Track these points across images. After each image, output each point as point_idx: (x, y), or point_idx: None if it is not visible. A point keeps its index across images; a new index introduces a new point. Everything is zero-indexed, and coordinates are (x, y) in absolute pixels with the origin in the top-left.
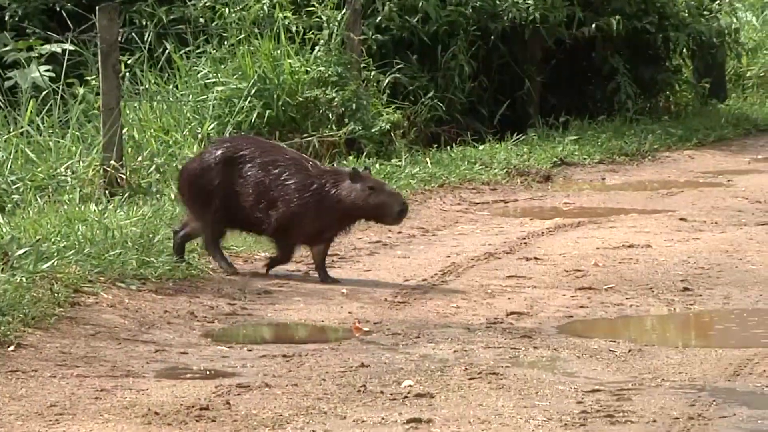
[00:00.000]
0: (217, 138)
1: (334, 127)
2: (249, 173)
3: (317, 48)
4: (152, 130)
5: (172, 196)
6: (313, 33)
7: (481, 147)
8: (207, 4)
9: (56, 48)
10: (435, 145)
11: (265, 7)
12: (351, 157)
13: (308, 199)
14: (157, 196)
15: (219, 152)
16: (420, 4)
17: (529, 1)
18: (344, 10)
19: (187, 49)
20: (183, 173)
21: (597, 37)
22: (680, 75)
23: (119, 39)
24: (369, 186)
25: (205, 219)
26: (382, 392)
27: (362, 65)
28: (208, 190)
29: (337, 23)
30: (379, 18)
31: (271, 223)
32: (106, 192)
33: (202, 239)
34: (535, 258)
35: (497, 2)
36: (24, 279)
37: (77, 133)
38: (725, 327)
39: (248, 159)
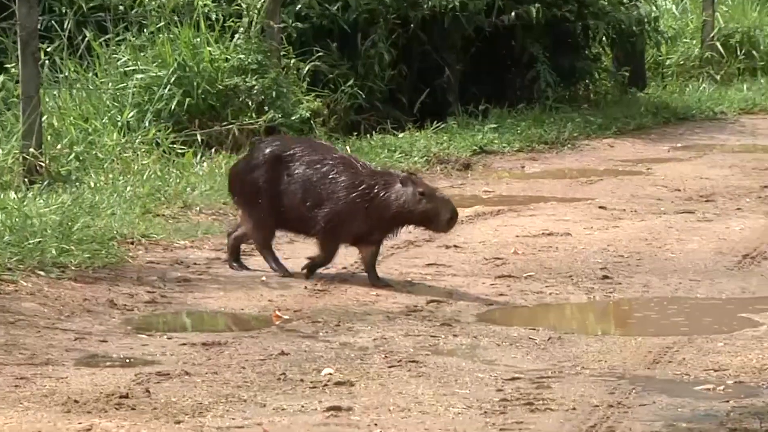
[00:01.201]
0: (266, 138)
1: (253, 115)
2: (296, 172)
3: (237, 36)
4: (72, 118)
5: (92, 184)
6: (232, 21)
7: (400, 135)
8: None
9: None
10: (355, 133)
11: None
12: None
13: (356, 199)
14: (77, 184)
15: (267, 150)
16: None
17: None
18: None
19: (107, 36)
20: (232, 172)
21: (517, 25)
22: (600, 63)
23: (39, 27)
24: (420, 191)
25: (255, 219)
26: (302, 380)
27: (282, 53)
28: (256, 189)
29: (256, 11)
30: (299, 6)
31: (317, 222)
32: (26, 180)
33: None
34: (455, 246)
35: None
36: None
37: None
38: (645, 315)
39: (296, 158)
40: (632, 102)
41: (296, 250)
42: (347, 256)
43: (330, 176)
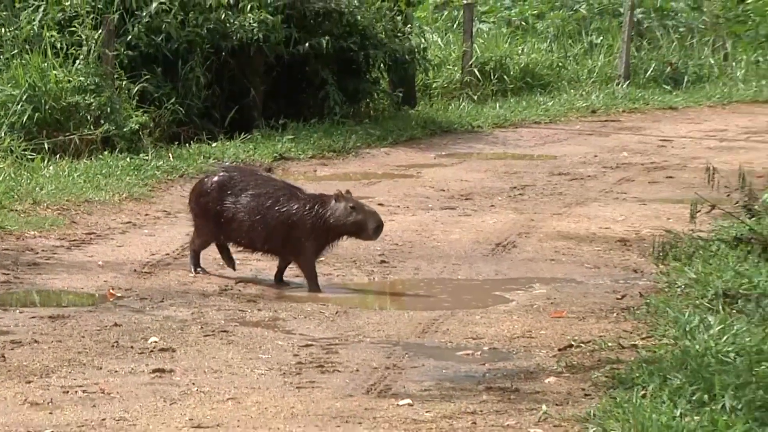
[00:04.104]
0: (219, 165)
1: (92, 127)
2: (243, 201)
3: (78, 61)
4: None
5: None
6: (74, 49)
7: (214, 144)
8: None
9: None
10: (176, 143)
11: (35, 27)
12: (106, 152)
13: (306, 219)
14: None
15: (216, 179)
16: (164, 26)
17: (253, 24)
18: (100, 30)
19: None
20: (192, 191)
21: (310, 54)
22: (378, 86)
23: None
24: (350, 205)
25: (200, 232)
26: (132, 347)
27: (115, 76)
28: (207, 210)
29: (94, 41)
30: (130, 37)
31: (288, 250)
32: None
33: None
34: None
35: (227, 25)
36: None
37: None
38: (415, 293)
39: (242, 188)
40: (405, 117)
41: (127, 239)
42: (169, 244)
43: (277, 205)
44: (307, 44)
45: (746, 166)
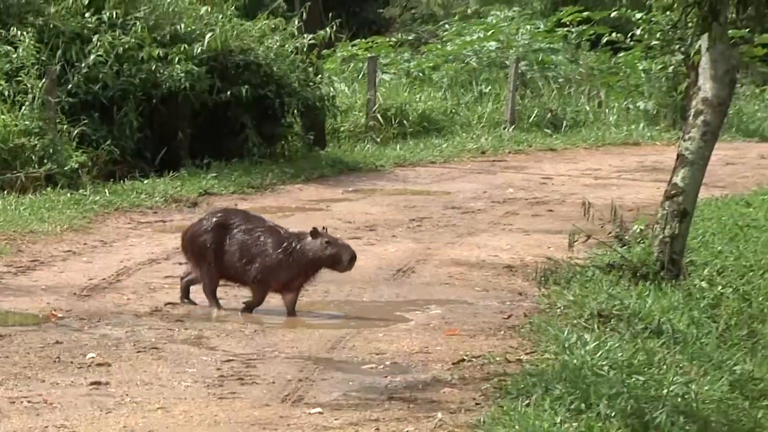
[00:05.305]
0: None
1: (36, 166)
2: (236, 237)
3: (24, 107)
4: None
5: None
6: (20, 96)
7: (145, 181)
8: None
9: None
10: (112, 180)
11: None
12: (49, 189)
13: (280, 255)
14: None
15: (214, 220)
16: (101, 76)
17: (181, 74)
18: (44, 80)
19: None
20: (185, 235)
21: (231, 101)
22: (292, 129)
23: None
24: (325, 240)
25: (204, 271)
26: (71, 362)
27: (57, 120)
28: (204, 248)
29: (38, 89)
30: (70, 85)
31: (251, 274)
32: None
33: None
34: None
35: (158, 75)
36: None
37: None
38: (325, 313)
39: (235, 226)
40: (316, 158)
41: (67, 265)
42: (105, 270)
43: (261, 240)
44: (228, 92)
45: (618, 201)
